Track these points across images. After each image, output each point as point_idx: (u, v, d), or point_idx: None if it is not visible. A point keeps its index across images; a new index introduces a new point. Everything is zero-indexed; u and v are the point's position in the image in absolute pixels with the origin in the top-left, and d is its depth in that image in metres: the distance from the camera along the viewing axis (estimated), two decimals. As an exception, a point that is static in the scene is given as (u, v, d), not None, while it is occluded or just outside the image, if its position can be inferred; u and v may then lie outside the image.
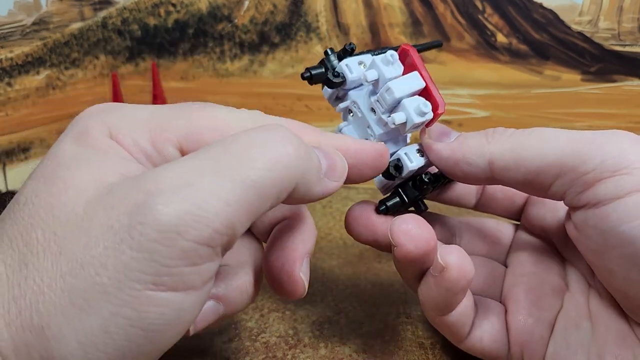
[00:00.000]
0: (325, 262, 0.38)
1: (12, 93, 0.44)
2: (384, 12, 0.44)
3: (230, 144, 0.18)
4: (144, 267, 0.16)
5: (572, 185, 0.21)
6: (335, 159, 0.21)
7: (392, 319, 0.32)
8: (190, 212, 0.16)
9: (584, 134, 0.21)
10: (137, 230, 0.16)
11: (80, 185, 0.17)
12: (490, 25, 0.44)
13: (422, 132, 0.25)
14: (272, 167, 0.17)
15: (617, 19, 0.43)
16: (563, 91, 0.44)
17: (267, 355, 0.29)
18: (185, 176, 0.16)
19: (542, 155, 0.21)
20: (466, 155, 0.23)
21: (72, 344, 0.16)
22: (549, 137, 0.22)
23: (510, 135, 0.23)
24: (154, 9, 0.47)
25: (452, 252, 0.23)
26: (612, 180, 0.20)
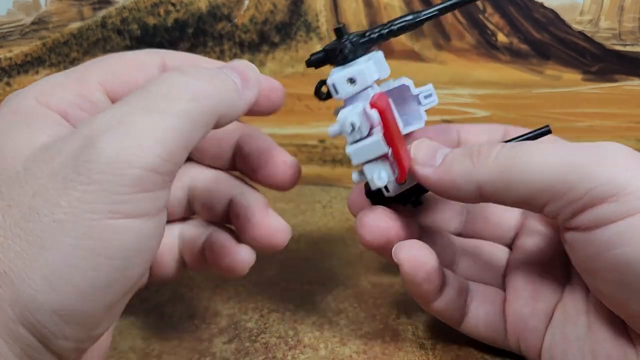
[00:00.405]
0: (325, 262, 0.38)
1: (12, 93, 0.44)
2: (384, 11, 0.44)
3: (153, 86, 0.19)
4: (98, 198, 0.17)
5: (562, 210, 0.21)
6: (245, 71, 0.23)
7: (393, 319, 0.32)
8: (132, 144, 0.17)
9: (576, 156, 0.21)
10: (85, 168, 0.17)
11: (16, 149, 0.19)
12: (491, 25, 0.44)
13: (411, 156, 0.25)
14: (196, 98, 0.19)
15: (618, 19, 0.43)
16: (564, 91, 0.44)
17: (267, 355, 0.28)
18: (119, 117, 0.18)
19: (531, 182, 0.21)
20: (454, 182, 0.23)
21: (36, 281, 0.17)
22: (536, 161, 0.21)
23: (496, 157, 0.22)
24: (153, 9, 0.47)
25: (403, 248, 0.25)
26: (600, 207, 0.20)
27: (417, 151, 0.25)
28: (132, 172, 0.17)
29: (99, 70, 0.23)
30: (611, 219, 0.20)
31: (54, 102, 0.21)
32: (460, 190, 0.23)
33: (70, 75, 0.22)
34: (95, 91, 0.22)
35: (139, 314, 0.32)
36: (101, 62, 0.23)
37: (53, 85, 0.22)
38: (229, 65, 0.23)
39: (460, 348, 0.29)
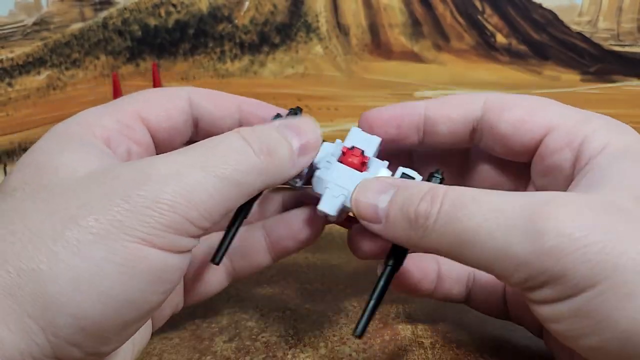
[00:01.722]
0: (325, 261, 0.38)
1: (13, 93, 0.44)
2: (384, 12, 0.44)
3: (215, 146, 0.21)
4: (136, 225, 0.18)
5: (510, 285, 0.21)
6: (308, 136, 0.24)
7: (392, 318, 0.32)
8: (182, 194, 0.19)
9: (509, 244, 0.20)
10: (134, 199, 0.19)
11: (70, 167, 0.20)
12: (490, 26, 0.44)
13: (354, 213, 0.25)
14: (250, 170, 0.21)
15: (617, 20, 0.43)
16: (562, 91, 0.44)
17: (267, 354, 0.29)
18: (177, 167, 0.20)
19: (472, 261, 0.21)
20: (407, 244, 0.23)
21: (64, 281, 0.18)
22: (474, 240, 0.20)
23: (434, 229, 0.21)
24: (154, 10, 0.47)
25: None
26: (541, 291, 0.20)
27: (358, 206, 0.24)
28: (172, 216, 0.19)
29: (135, 100, 0.25)
30: (550, 299, 0.20)
31: (99, 130, 0.23)
32: (417, 251, 0.24)
33: (110, 106, 0.25)
34: (133, 119, 0.24)
35: (140, 313, 0.32)
36: (137, 94, 0.26)
37: (96, 115, 0.24)
38: (292, 125, 0.24)
39: (459, 347, 0.29)
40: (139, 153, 0.25)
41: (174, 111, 0.26)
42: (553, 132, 0.24)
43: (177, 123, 0.26)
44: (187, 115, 0.27)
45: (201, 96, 0.27)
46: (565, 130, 0.24)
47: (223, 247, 0.25)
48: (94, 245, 0.18)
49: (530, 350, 0.29)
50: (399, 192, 0.23)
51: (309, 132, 0.24)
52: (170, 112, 0.26)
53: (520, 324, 0.29)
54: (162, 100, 0.26)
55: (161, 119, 0.25)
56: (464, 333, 0.31)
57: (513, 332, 0.31)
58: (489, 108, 0.26)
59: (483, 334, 0.31)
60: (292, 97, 0.48)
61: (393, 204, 0.23)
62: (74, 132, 0.22)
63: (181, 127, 0.26)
